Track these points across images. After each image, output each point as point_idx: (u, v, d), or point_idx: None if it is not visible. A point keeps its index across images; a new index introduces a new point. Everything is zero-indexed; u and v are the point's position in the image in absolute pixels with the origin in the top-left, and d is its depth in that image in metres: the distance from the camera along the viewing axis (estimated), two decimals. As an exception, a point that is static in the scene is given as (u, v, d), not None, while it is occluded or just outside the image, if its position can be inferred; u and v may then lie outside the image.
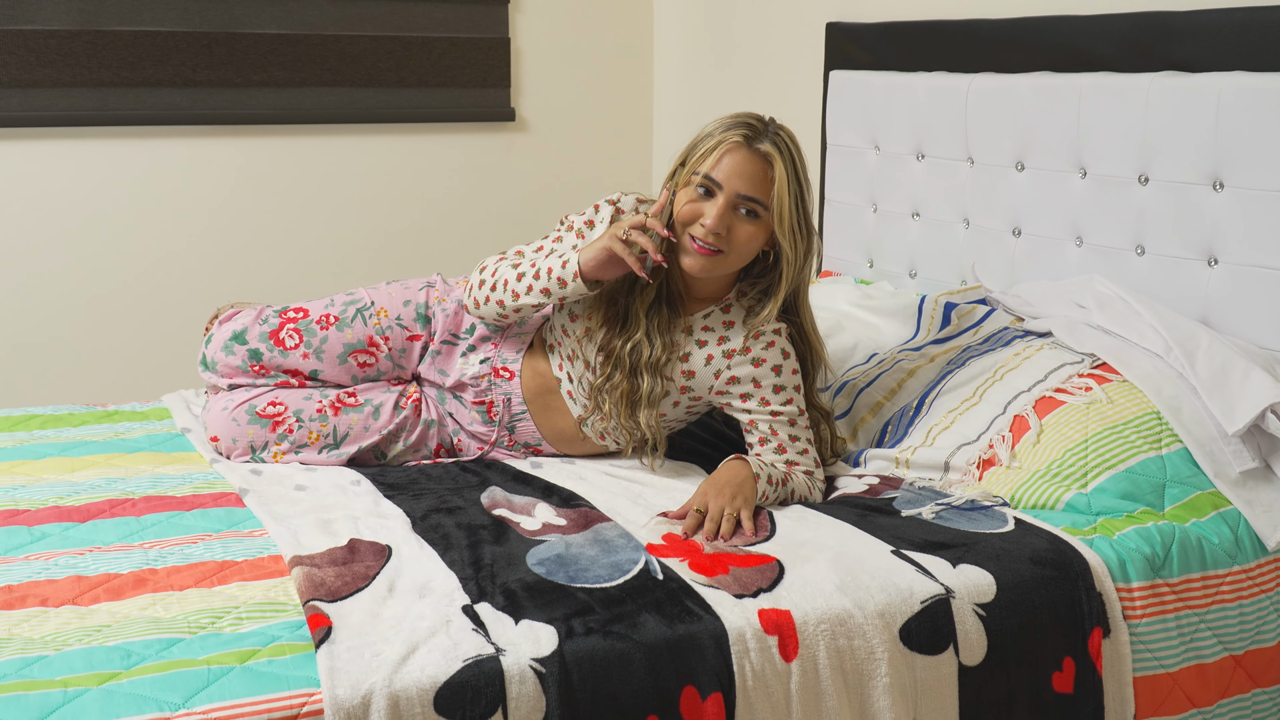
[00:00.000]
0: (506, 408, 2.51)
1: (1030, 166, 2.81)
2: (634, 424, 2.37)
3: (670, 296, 2.38)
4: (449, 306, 2.57)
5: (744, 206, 2.27)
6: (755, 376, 2.36)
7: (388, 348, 2.55)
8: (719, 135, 2.28)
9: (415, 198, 4.20)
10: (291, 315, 2.57)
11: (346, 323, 2.54)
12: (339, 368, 2.53)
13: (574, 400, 2.47)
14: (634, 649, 1.76)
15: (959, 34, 3.03)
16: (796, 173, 2.28)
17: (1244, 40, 2.41)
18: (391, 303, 2.58)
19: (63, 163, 3.77)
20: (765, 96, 3.84)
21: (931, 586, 1.92)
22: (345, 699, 1.62)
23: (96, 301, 3.86)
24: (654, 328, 2.36)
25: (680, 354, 2.38)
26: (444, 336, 2.56)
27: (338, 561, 1.94)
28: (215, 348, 2.55)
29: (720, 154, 2.27)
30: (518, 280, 2.39)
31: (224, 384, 2.55)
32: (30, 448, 2.56)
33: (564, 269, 2.32)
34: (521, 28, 4.23)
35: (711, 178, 2.27)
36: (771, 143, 2.27)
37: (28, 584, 1.90)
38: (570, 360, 2.46)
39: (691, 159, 2.31)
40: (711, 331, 2.38)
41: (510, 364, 2.51)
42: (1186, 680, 2.03)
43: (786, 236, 2.28)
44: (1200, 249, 2.48)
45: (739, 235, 2.28)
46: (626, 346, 2.35)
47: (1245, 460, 2.18)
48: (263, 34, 3.88)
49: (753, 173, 2.26)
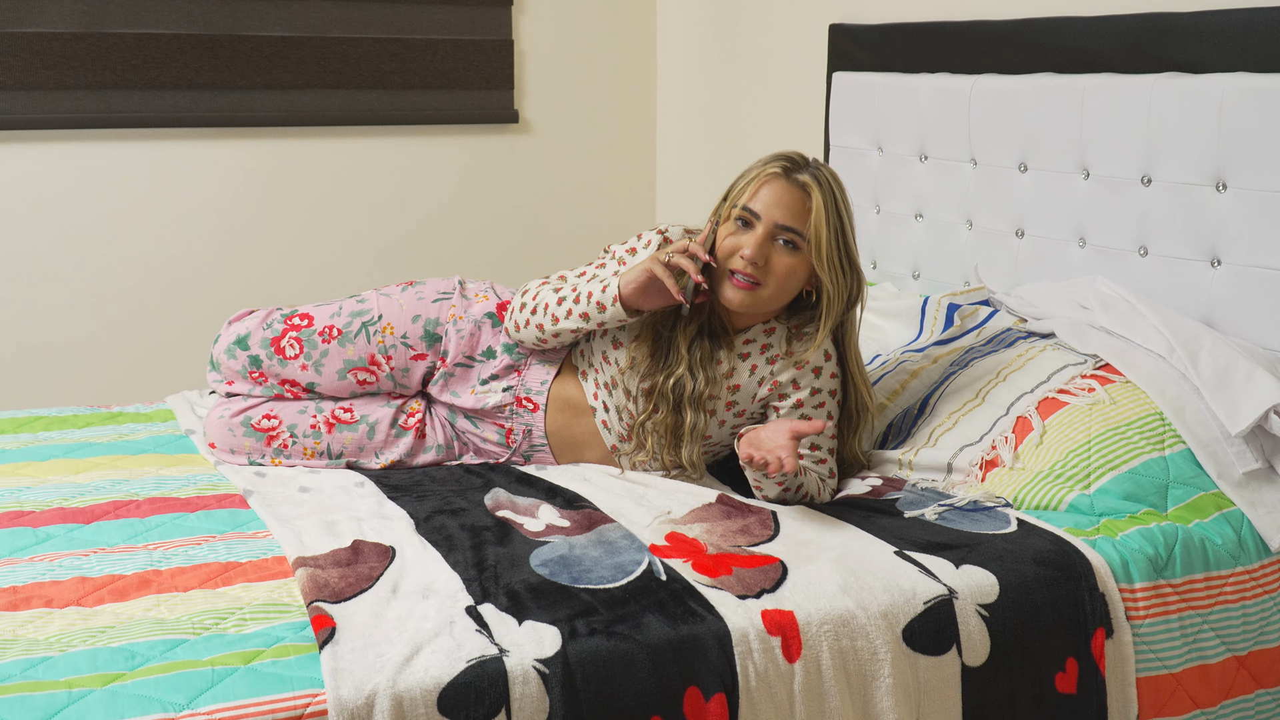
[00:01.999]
0: (526, 437, 2.48)
1: (1033, 168, 2.81)
2: (676, 457, 2.37)
3: (713, 332, 2.38)
4: (464, 327, 2.49)
5: (782, 237, 2.27)
6: (795, 378, 2.36)
7: (389, 367, 2.49)
8: (759, 169, 2.31)
9: (419, 200, 4.20)
10: (296, 322, 2.52)
11: (349, 338, 2.49)
12: (337, 383, 2.50)
13: (609, 430, 2.44)
14: (637, 650, 1.76)
15: (962, 35, 3.03)
16: (837, 206, 2.28)
17: (1246, 41, 2.41)
18: (400, 317, 2.50)
19: (67, 165, 3.77)
20: (768, 98, 3.85)
21: (934, 587, 1.93)
22: (349, 700, 1.63)
23: (100, 303, 3.87)
24: (696, 361, 2.35)
25: (725, 370, 2.37)
26: (458, 359, 2.49)
27: (341, 563, 1.95)
28: (220, 349, 2.54)
29: (758, 185, 2.29)
30: (558, 305, 2.37)
31: (224, 388, 2.55)
32: (35, 449, 2.56)
33: (604, 293, 2.31)
34: (525, 30, 4.23)
35: (750, 209, 2.28)
36: (811, 175, 2.29)
37: (32, 585, 1.90)
38: (608, 389, 2.42)
39: (733, 193, 2.33)
40: (754, 343, 2.38)
41: (535, 395, 2.46)
42: (1190, 681, 2.03)
43: (826, 270, 2.27)
44: (1203, 250, 2.48)
45: (777, 267, 2.27)
46: (669, 381, 2.34)
47: (1248, 461, 2.18)
48: (266, 36, 3.88)
49: (790, 203, 2.27)
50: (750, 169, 2.34)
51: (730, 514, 2.19)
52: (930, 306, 2.82)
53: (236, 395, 2.52)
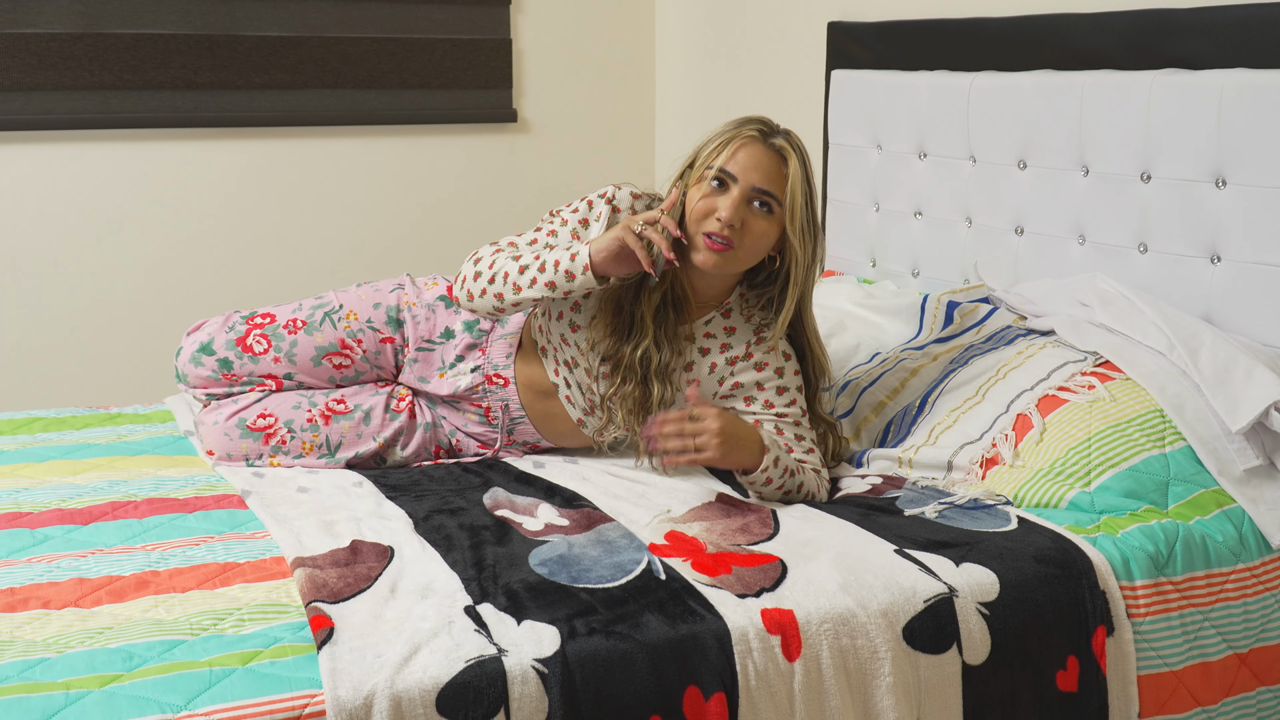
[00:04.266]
0: (505, 412, 2.50)
1: (1032, 165, 2.81)
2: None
3: (676, 300, 2.37)
4: (419, 313, 2.53)
5: (758, 200, 2.26)
6: (759, 380, 2.37)
7: (361, 350, 2.52)
8: (731, 131, 2.29)
9: (417, 199, 4.20)
10: (258, 321, 2.53)
11: (315, 326, 2.52)
12: (314, 370, 2.51)
13: (572, 404, 2.46)
14: (637, 649, 1.75)
15: (960, 33, 3.02)
16: (807, 173, 2.29)
17: (1245, 37, 2.41)
18: (361, 305, 2.54)
19: (64, 166, 3.77)
20: (767, 96, 3.84)
21: (935, 585, 1.92)
22: (347, 700, 1.62)
23: (99, 304, 3.86)
24: (662, 333, 2.35)
25: (685, 363, 2.38)
26: (418, 344, 2.52)
27: (340, 563, 1.94)
28: (184, 360, 2.53)
29: (735, 148, 2.27)
30: (520, 273, 2.30)
31: (201, 395, 2.54)
32: (33, 450, 2.56)
33: (573, 261, 2.25)
34: (523, 29, 4.23)
35: (727, 170, 2.26)
36: (785, 140, 2.29)
37: (30, 586, 1.90)
38: (568, 366, 2.44)
39: (702, 156, 2.30)
40: (714, 339, 2.38)
41: (503, 370, 2.48)
42: (1191, 678, 2.02)
43: (797, 235, 2.27)
44: (1203, 246, 2.47)
45: (752, 230, 2.26)
46: (636, 353, 2.34)
47: (1249, 458, 2.17)
48: (264, 36, 3.88)
49: (768, 167, 2.26)
50: (720, 133, 2.31)
51: (730, 513, 2.19)
52: (930, 304, 2.81)
53: (220, 398, 2.52)
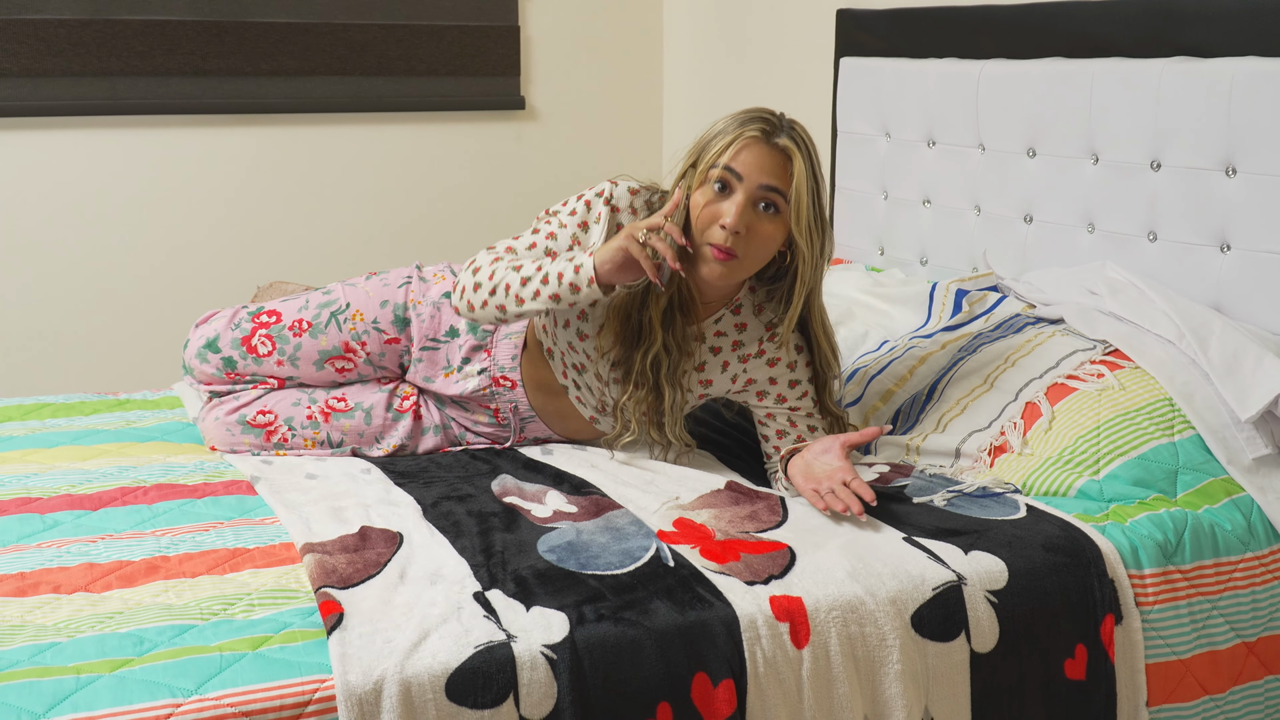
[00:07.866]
0: (515, 413, 2.48)
1: (1041, 153, 2.80)
2: (661, 435, 2.36)
3: (683, 303, 2.31)
4: (424, 310, 2.48)
5: (764, 200, 2.17)
6: (772, 375, 2.36)
7: (365, 353, 2.48)
8: (734, 131, 2.19)
9: (425, 186, 4.20)
10: (264, 320, 2.51)
11: (320, 328, 2.48)
12: (316, 374, 2.50)
13: (584, 404, 2.45)
14: (645, 636, 1.76)
15: (970, 20, 3.02)
16: (814, 168, 2.21)
17: (1256, 25, 2.40)
18: (369, 304, 2.49)
19: (73, 152, 3.77)
20: (775, 84, 3.84)
21: (943, 573, 1.92)
22: (357, 685, 1.63)
23: (107, 290, 3.87)
24: (670, 338, 2.29)
25: (696, 364, 2.36)
26: (423, 343, 2.48)
27: (349, 548, 1.95)
28: (191, 354, 2.53)
29: (738, 149, 2.17)
30: (522, 285, 2.21)
31: (204, 390, 2.54)
32: (42, 436, 2.56)
33: (577, 274, 2.16)
34: (531, 16, 4.22)
35: (731, 168, 2.17)
36: (789, 137, 2.19)
37: (40, 571, 1.90)
38: (577, 370, 2.40)
39: (705, 157, 2.21)
40: (725, 337, 2.36)
41: (510, 373, 2.45)
42: (1199, 667, 2.03)
43: (804, 234, 2.19)
44: (1212, 235, 2.47)
45: (758, 234, 2.18)
46: (647, 359, 2.30)
47: (1258, 446, 2.17)
48: (272, 23, 3.88)
49: (773, 167, 2.17)
50: (721, 130, 2.21)
51: (739, 500, 2.19)
52: (938, 292, 2.81)
53: (222, 393, 2.52)
